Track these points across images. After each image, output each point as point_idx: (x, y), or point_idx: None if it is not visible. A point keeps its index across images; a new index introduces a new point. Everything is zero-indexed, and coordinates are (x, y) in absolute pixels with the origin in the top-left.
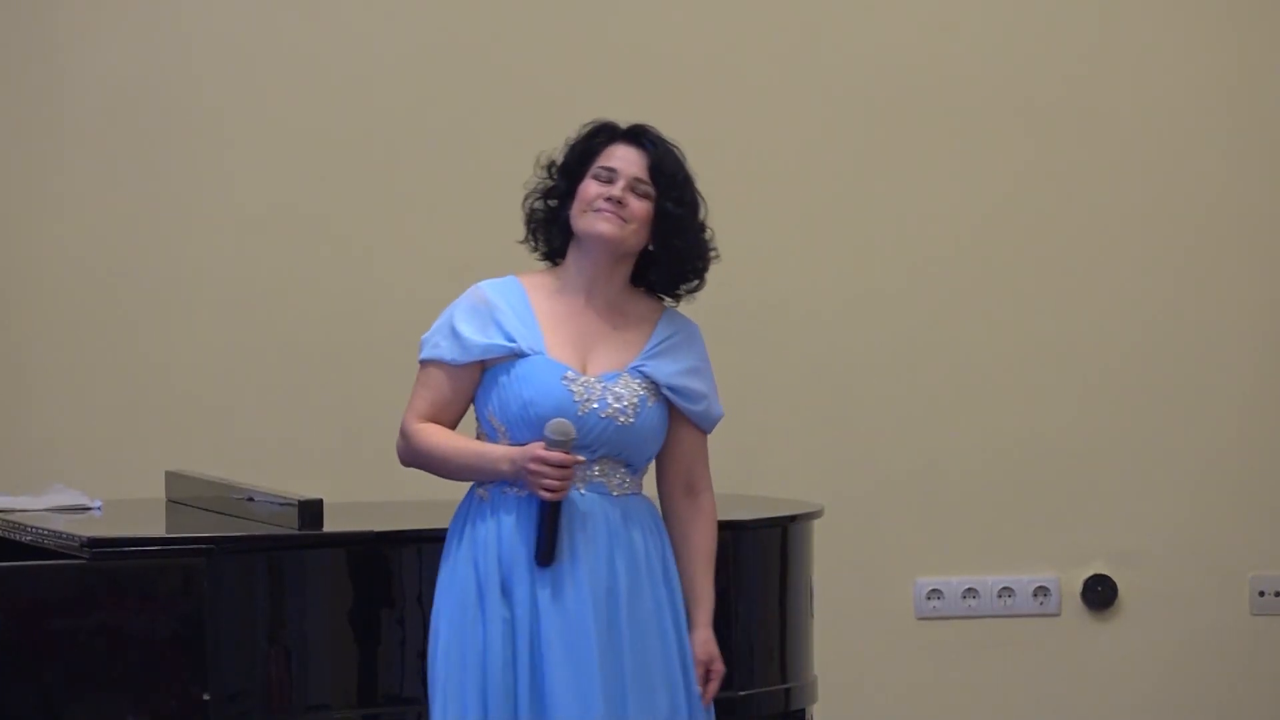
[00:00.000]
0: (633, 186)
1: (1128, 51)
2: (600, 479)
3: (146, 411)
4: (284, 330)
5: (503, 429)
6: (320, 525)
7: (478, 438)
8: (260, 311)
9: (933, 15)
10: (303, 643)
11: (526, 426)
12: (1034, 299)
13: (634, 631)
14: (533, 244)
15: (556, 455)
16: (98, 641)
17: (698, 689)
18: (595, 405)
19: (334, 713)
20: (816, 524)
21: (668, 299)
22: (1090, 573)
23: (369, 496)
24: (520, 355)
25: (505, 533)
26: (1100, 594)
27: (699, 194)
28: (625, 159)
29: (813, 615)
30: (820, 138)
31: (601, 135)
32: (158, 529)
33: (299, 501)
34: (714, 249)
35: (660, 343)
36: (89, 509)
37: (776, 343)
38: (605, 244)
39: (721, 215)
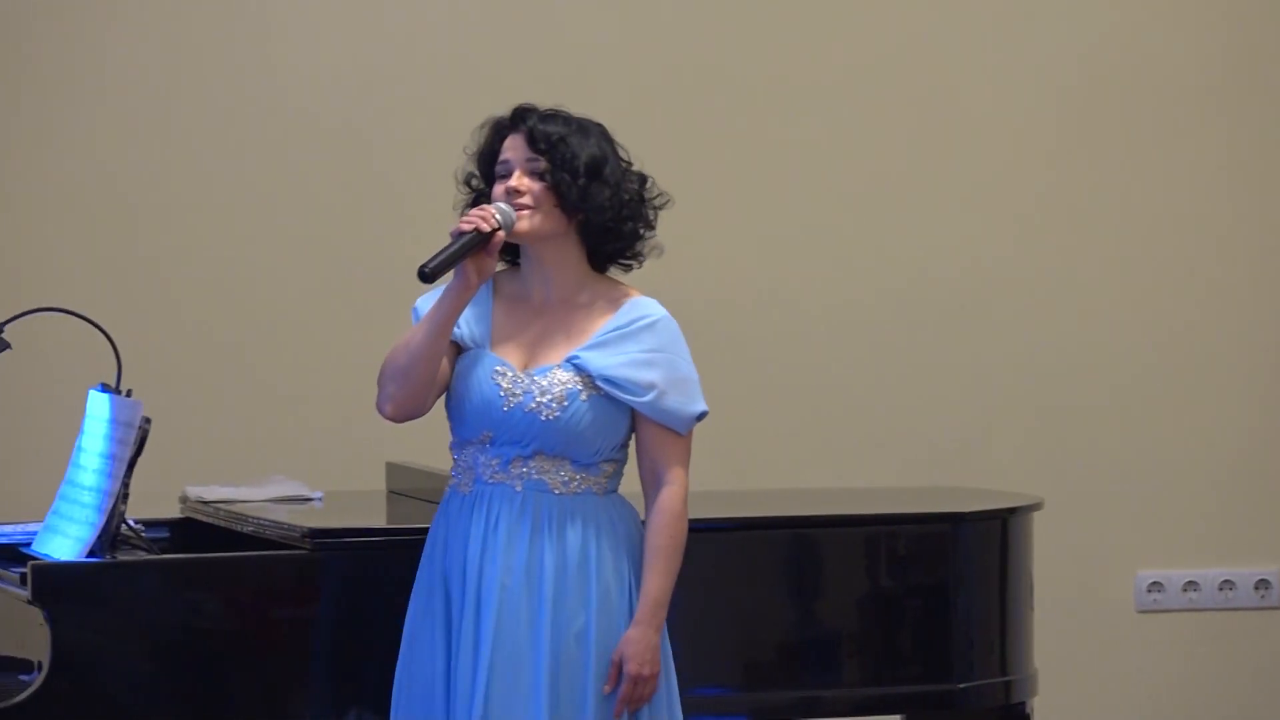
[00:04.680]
0: (527, 169)
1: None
2: (540, 477)
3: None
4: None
5: (451, 424)
6: None
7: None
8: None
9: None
10: None
11: (460, 421)
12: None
13: (557, 635)
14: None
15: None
16: (319, 632)
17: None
18: (520, 399)
19: None
20: (1036, 516)
21: (631, 264)
22: None
23: None
24: (466, 350)
25: (450, 532)
26: None
27: (605, 144)
28: (511, 146)
29: (1032, 608)
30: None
31: (497, 133)
32: (379, 520)
33: None
34: (645, 197)
35: (608, 333)
36: (310, 500)
37: (989, 336)
38: (528, 237)
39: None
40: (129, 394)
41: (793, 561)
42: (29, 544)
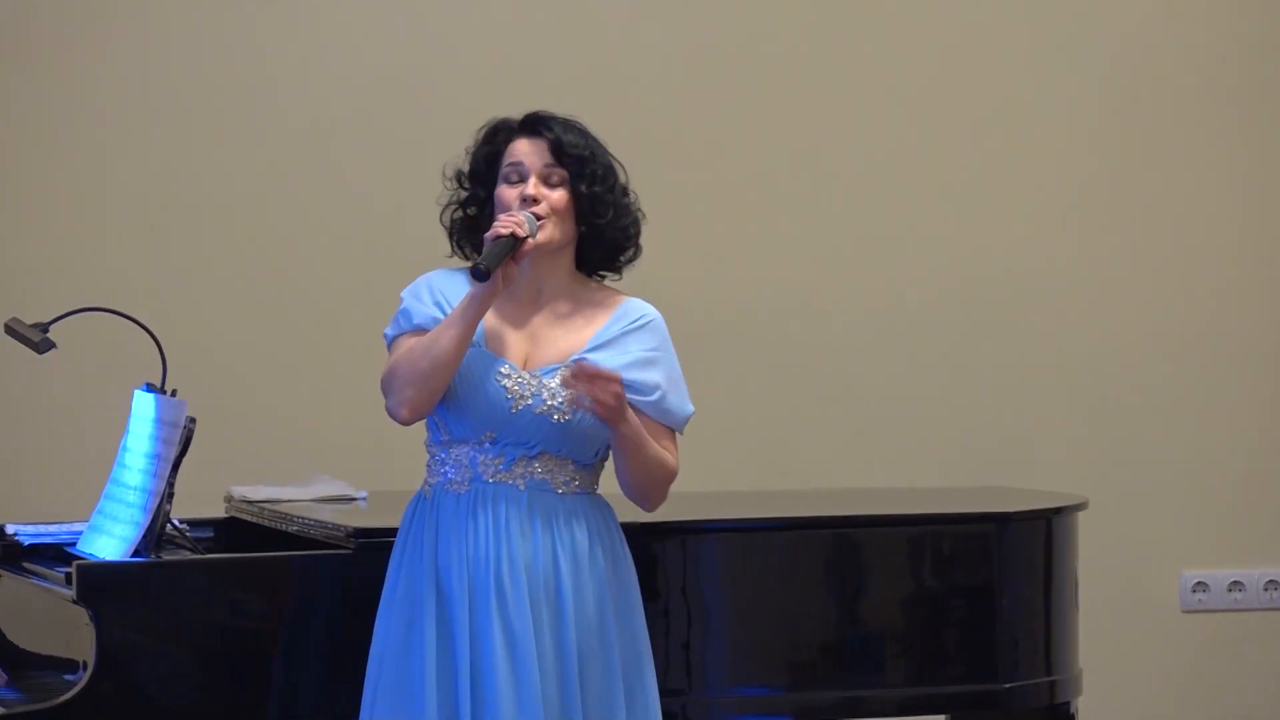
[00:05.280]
0: (544, 177)
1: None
2: (543, 476)
3: None
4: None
5: (440, 421)
6: None
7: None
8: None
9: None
10: None
11: (460, 421)
12: None
13: (580, 629)
14: (462, 255)
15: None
16: (363, 631)
17: (651, 686)
18: (529, 402)
19: None
20: (1081, 516)
21: (609, 275)
22: None
23: None
24: None
25: (443, 532)
26: None
27: (612, 160)
28: (528, 152)
29: (1077, 608)
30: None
31: (501, 133)
32: None
33: None
34: (639, 211)
35: (608, 334)
36: (354, 499)
37: (1033, 337)
38: (538, 247)
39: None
40: (174, 394)
41: (837, 561)
42: (74, 544)
